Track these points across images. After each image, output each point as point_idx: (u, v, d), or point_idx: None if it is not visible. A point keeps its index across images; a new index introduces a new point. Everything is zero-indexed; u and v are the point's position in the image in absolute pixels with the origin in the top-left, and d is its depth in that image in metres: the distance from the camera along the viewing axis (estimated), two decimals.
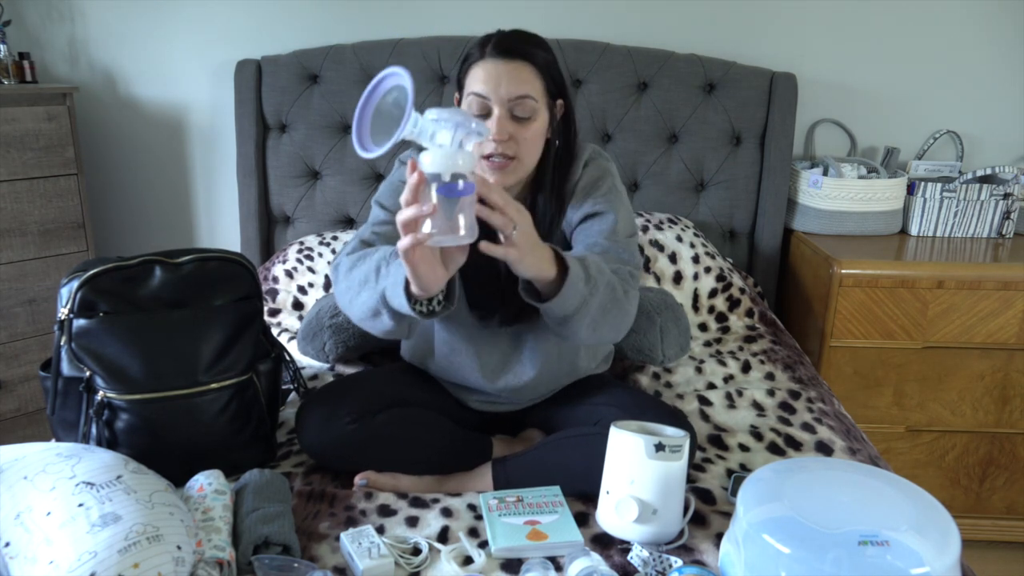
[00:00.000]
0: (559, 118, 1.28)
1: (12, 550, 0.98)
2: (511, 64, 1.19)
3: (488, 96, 1.19)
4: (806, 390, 1.66)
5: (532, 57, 1.21)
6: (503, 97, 1.19)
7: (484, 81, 1.19)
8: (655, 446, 1.12)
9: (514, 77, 1.19)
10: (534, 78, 1.21)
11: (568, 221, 1.31)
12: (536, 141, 1.23)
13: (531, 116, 1.21)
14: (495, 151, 1.20)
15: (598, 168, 1.32)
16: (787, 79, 2.17)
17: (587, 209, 1.28)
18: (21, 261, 2.04)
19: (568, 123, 1.30)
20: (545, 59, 1.23)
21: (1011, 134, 2.32)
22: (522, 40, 1.23)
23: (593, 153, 1.34)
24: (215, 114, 2.35)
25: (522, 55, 1.20)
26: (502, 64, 1.19)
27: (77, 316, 1.23)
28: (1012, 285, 1.91)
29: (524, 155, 1.22)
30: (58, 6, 2.24)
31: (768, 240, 2.25)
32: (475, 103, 1.20)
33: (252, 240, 2.29)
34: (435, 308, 1.13)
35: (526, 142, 1.21)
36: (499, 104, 1.19)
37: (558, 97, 1.27)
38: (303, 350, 1.73)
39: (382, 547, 1.09)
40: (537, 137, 1.23)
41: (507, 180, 1.23)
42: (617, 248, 1.26)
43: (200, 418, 1.28)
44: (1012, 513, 2.09)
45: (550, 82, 1.24)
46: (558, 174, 1.29)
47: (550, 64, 1.24)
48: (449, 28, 2.22)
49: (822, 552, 0.91)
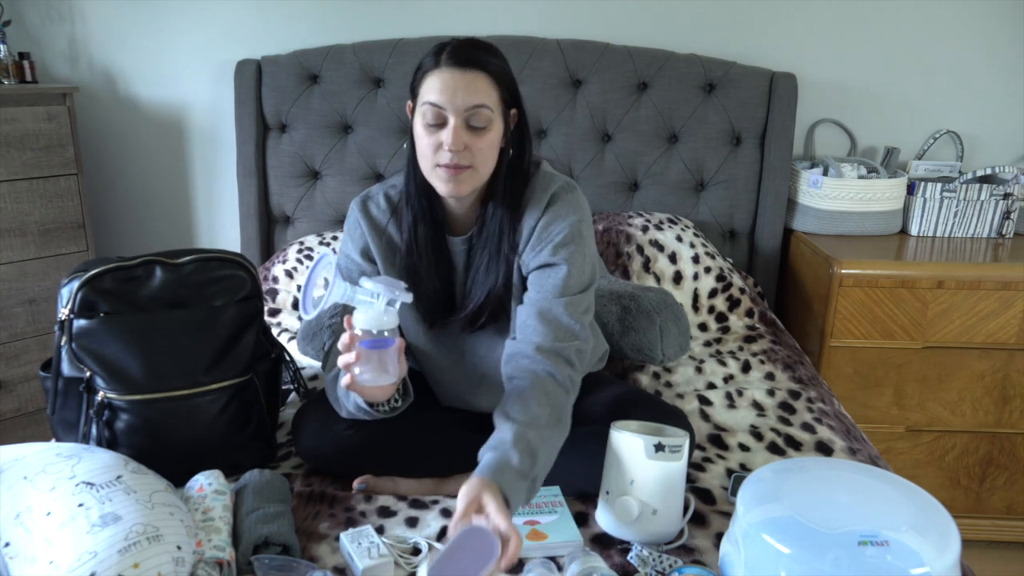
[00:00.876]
0: (513, 127, 1.27)
1: (12, 550, 0.98)
2: (467, 74, 1.17)
3: (444, 106, 1.17)
4: (806, 390, 1.66)
5: (487, 66, 1.19)
6: (459, 107, 1.17)
7: (440, 91, 1.17)
8: (655, 446, 1.12)
9: (470, 87, 1.17)
10: (490, 88, 1.19)
11: (526, 263, 1.30)
12: (491, 151, 1.23)
13: (486, 126, 1.19)
14: (450, 161, 1.19)
15: (567, 206, 1.28)
16: (787, 79, 2.17)
17: (544, 259, 1.27)
18: (21, 261, 2.04)
19: (521, 132, 1.29)
20: (500, 68, 1.22)
21: (1011, 134, 2.32)
22: (478, 49, 1.21)
23: (562, 188, 1.30)
24: (215, 114, 2.35)
25: (477, 64, 1.18)
26: (458, 74, 1.17)
27: (77, 316, 1.23)
28: (1012, 285, 1.91)
29: (479, 164, 1.21)
30: (58, 6, 2.25)
31: (768, 240, 2.25)
32: (430, 112, 1.18)
33: (252, 240, 2.29)
34: (396, 406, 1.22)
35: (481, 152, 1.20)
36: (455, 114, 1.17)
37: (512, 106, 1.26)
38: (303, 350, 1.73)
39: (382, 547, 1.09)
40: (492, 147, 1.22)
41: (462, 189, 1.22)
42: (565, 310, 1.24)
43: (200, 418, 1.28)
44: (1012, 513, 2.09)
45: (505, 91, 1.22)
46: (511, 183, 1.29)
47: (504, 73, 1.23)
48: (449, 28, 2.22)
49: (822, 552, 0.91)
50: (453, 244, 1.33)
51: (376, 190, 1.37)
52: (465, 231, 1.33)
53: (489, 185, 1.28)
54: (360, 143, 2.22)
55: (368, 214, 1.34)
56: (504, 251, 1.28)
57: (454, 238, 1.33)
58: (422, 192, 1.29)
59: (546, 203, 1.28)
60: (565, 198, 1.28)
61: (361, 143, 2.22)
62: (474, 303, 1.31)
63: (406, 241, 1.31)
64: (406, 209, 1.30)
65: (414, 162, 1.26)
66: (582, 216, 1.29)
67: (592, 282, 1.30)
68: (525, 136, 1.29)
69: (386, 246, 1.34)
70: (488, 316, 1.32)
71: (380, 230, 1.34)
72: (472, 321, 1.33)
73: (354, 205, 1.36)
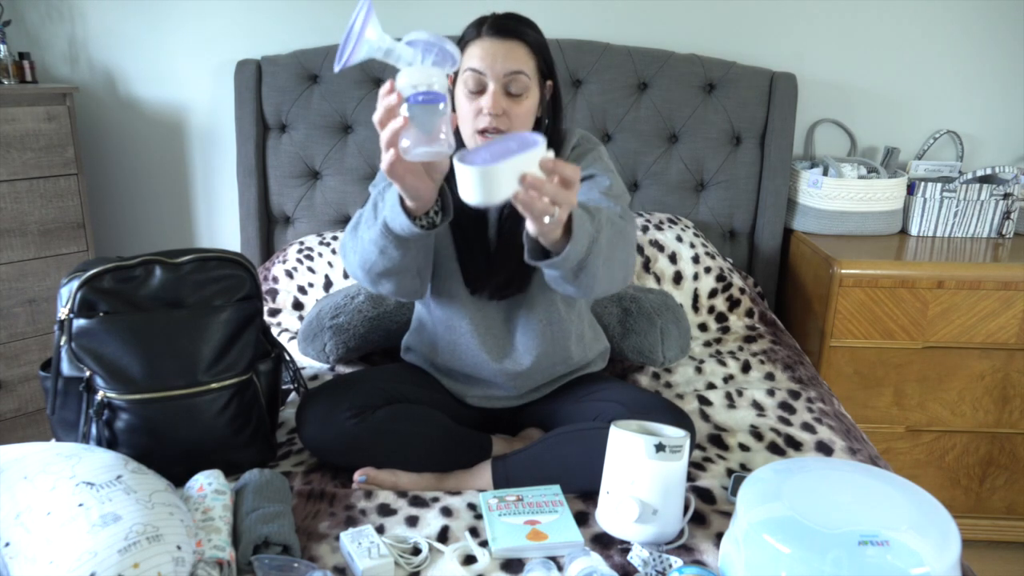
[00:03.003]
0: (548, 98, 1.34)
1: (12, 550, 0.98)
2: (506, 43, 1.25)
3: (484, 72, 1.24)
4: (806, 390, 1.66)
5: (525, 36, 1.27)
6: (498, 73, 1.24)
7: (480, 58, 1.24)
8: (655, 446, 1.12)
9: (509, 54, 1.24)
10: (527, 57, 1.26)
11: None
12: (528, 117, 1.28)
13: (524, 93, 1.26)
14: (489, 125, 1.24)
15: (589, 143, 1.38)
16: (787, 79, 2.17)
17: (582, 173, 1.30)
18: (21, 261, 2.04)
19: (556, 104, 1.35)
20: (537, 40, 1.29)
21: (1011, 134, 2.32)
22: (516, 21, 1.29)
23: (582, 138, 1.39)
24: (215, 114, 2.35)
25: (516, 35, 1.26)
26: (498, 42, 1.24)
27: (77, 316, 1.23)
28: (1012, 285, 1.91)
29: (517, 129, 1.26)
30: (58, 6, 2.25)
31: (768, 240, 2.25)
32: (471, 79, 1.25)
33: (252, 240, 2.29)
34: (435, 220, 1.16)
35: (519, 118, 1.26)
36: (494, 79, 1.24)
37: (548, 77, 1.32)
38: (303, 351, 1.73)
39: (382, 547, 1.09)
40: (529, 114, 1.28)
41: None
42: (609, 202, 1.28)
43: (200, 418, 1.28)
44: (1012, 513, 2.09)
45: (542, 62, 1.29)
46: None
47: (542, 45, 1.30)
48: (449, 28, 2.22)
49: (822, 552, 0.91)
50: (491, 212, 1.37)
51: None
52: None
53: None
54: (360, 143, 2.22)
55: None
56: None
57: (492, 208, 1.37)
58: None
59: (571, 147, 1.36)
60: (586, 145, 1.38)
61: (361, 143, 2.22)
62: (507, 269, 1.34)
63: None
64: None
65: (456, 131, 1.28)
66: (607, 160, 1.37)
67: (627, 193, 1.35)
68: (559, 107, 1.36)
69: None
70: (515, 285, 1.36)
71: None
72: (502, 287, 1.36)
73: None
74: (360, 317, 1.68)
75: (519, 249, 1.16)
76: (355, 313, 1.69)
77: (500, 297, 1.39)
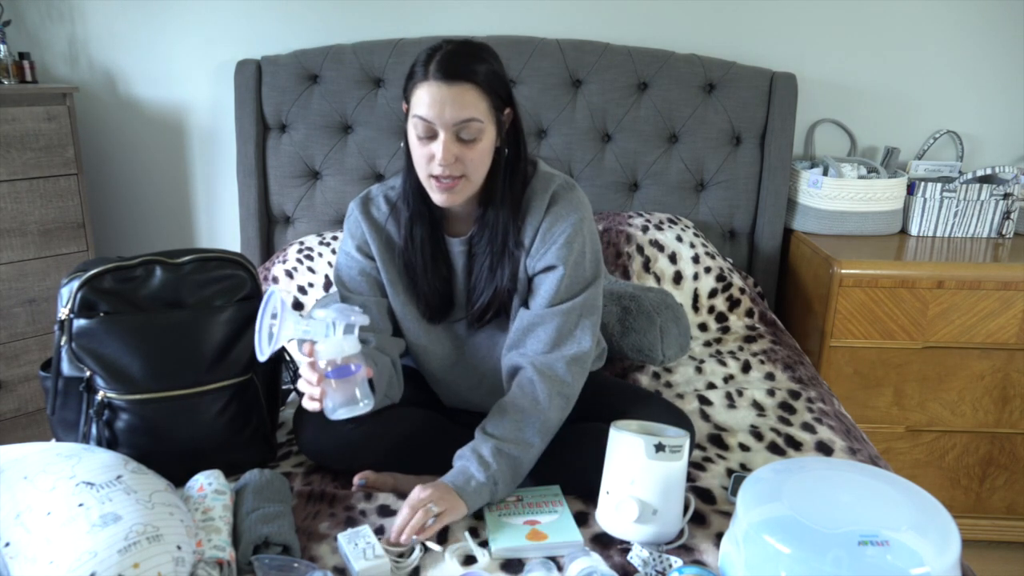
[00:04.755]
0: (508, 125, 1.27)
1: (12, 550, 0.98)
2: (454, 87, 1.17)
3: (432, 120, 1.18)
4: (806, 390, 1.66)
5: (474, 77, 1.18)
6: (448, 122, 1.17)
7: (429, 106, 1.17)
8: (655, 446, 1.12)
9: (457, 101, 1.17)
10: (478, 99, 1.19)
11: (532, 266, 1.32)
12: (483, 159, 1.23)
13: (476, 137, 1.20)
14: (442, 173, 1.20)
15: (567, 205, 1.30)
16: (787, 79, 2.17)
17: (547, 261, 1.30)
18: (21, 261, 2.04)
19: (516, 129, 1.29)
20: (488, 75, 1.20)
21: (1011, 134, 2.32)
22: (465, 59, 1.19)
23: (562, 187, 1.31)
24: (215, 114, 2.35)
25: (464, 76, 1.17)
26: (445, 88, 1.17)
27: (77, 316, 1.23)
28: (1012, 285, 1.91)
29: (471, 173, 1.23)
30: (58, 6, 2.24)
31: (768, 240, 2.25)
32: (420, 125, 1.19)
33: (252, 240, 2.29)
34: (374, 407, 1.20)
35: (473, 162, 1.21)
36: (444, 128, 1.18)
37: (506, 106, 1.25)
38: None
39: (377, 547, 1.09)
40: (484, 156, 1.23)
41: (456, 199, 1.24)
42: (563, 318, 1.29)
43: (200, 418, 1.28)
44: (1012, 513, 2.09)
45: (495, 97, 1.22)
46: (510, 180, 1.29)
47: (494, 78, 1.21)
48: (449, 28, 2.22)
49: (822, 552, 0.91)
50: (451, 244, 1.35)
51: (376, 191, 1.38)
52: (464, 231, 1.35)
53: (486, 185, 1.28)
54: (360, 143, 2.22)
55: (368, 213, 1.37)
56: (510, 248, 1.30)
57: (452, 239, 1.35)
58: (418, 193, 1.30)
59: (547, 203, 1.30)
60: (566, 196, 1.30)
61: (361, 143, 2.22)
62: (481, 302, 1.33)
63: (403, 239, 1.33)
64: (403, 208, 1.32)
65: (410, 163, 1.27)
66: (584, 214, 1.31)
67: (595, 277, 1.32)
68: (520, 133, 1.30)
69: (385, 245, 1.36)
70: (492, 313, 1.35)
71: (379, 228, 1.36)
72: (478, 318, 1.36)
73: (354, 205, 1.38)
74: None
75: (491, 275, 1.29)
76: None
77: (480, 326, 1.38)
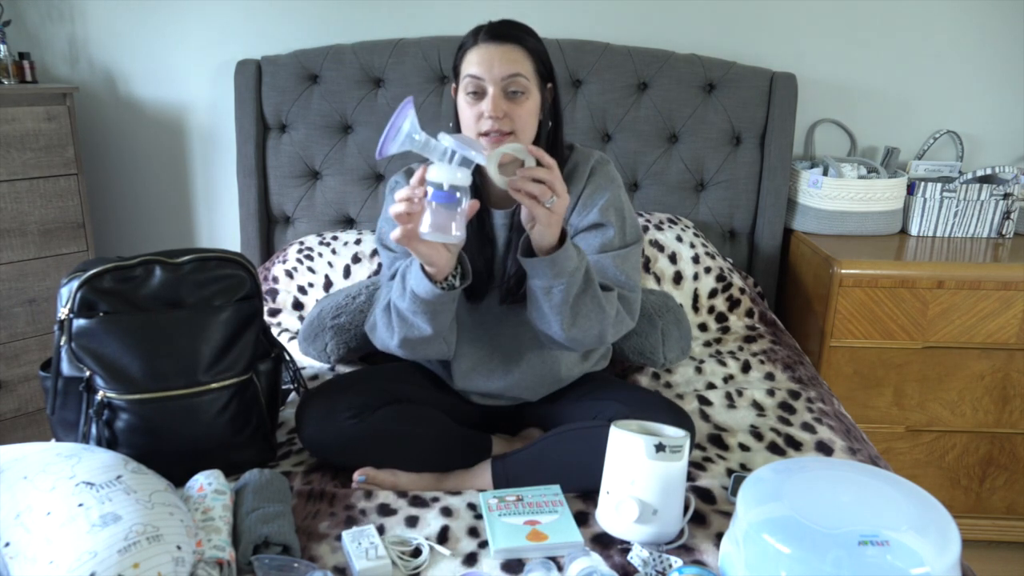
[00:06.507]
0: (550, 101, 1.35)
1: (12, 550, 0.98)
2: (503, 47, 1.27)
3: (482, 76, 1.26)
4: (806, 390, 1.66)
5: (522, 41, 1.29)
6: (496, 76, 1.26)
7: (478, 63, 1.27)
8: (655, 446, 1.12)
9: (506, 57, 1.27)
10: (524, 59, 1.28)
11: (573, 226, 1.38)
12: (530, 118, 1.30)
13: (524, 92, 1.28)
14: (492, 127, 1.26)
15: (604, 176, 1.38)
16: (787, 79, 2.17)
17: (591, 219, 1.35)
18: (21, 261, 2.04)
19: (556, 108, 1.38)
20: (535, 44, 1.31)
21: (1011, 134, 2.32)
22: (513, 26, 1.31)
23: (599, 162, 1.40)
24: (215, 114, 2.35)
25: (513, 39, 1.29)
26: (494, 47, 1.27)
27: (77, 316, 1.23)
28: (1012, 285, 1.91)
29: (519, 131, 1.28)
30: (58, 6, 2.24)
31: (768, 240, 2.25)
32: (470, 84, 1.27)
33: (252, 240, 2.29)
34: (454, 283, 1.23)
35: (520, 119, 1.28)
36: (493, 83, 1.26)
37: (548, 81, 1.34)
38: (304, 351, 1.73)
39: (380, 548, 1.09)
40: (530, 115, 1.30)
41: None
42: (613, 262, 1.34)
43: (200, 418, 1.28)
44: (1012, 513, 2.09)
45: (540, 64, 1.31)
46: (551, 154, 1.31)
47: (539, 49, 1.32)
48: (449, 28, 2.22)
49: (822, 552, 0.91)
50: (494, 217, 1.39)
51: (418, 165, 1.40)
52: (507, 205, 1.39)
53: None
54: (360, 143, 2.22)
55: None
56: None
57: (496, 211, 1.39)
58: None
59: (588, 174, 1.38)
60: (604, 170, 1.40)
61: (361, 143, 2.22)
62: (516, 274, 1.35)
63: None
64: None
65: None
66: (620, 185, 1.41)
67: (638, 239, 1.39)
68: (559, 111, 1.38)
69: None
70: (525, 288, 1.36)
71: None
72: (512, 292, 1.38)
73: (397, 176, 1.43)
74: (362, 317, 1.68)
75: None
76: (357, 313, 1.68)
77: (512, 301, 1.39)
